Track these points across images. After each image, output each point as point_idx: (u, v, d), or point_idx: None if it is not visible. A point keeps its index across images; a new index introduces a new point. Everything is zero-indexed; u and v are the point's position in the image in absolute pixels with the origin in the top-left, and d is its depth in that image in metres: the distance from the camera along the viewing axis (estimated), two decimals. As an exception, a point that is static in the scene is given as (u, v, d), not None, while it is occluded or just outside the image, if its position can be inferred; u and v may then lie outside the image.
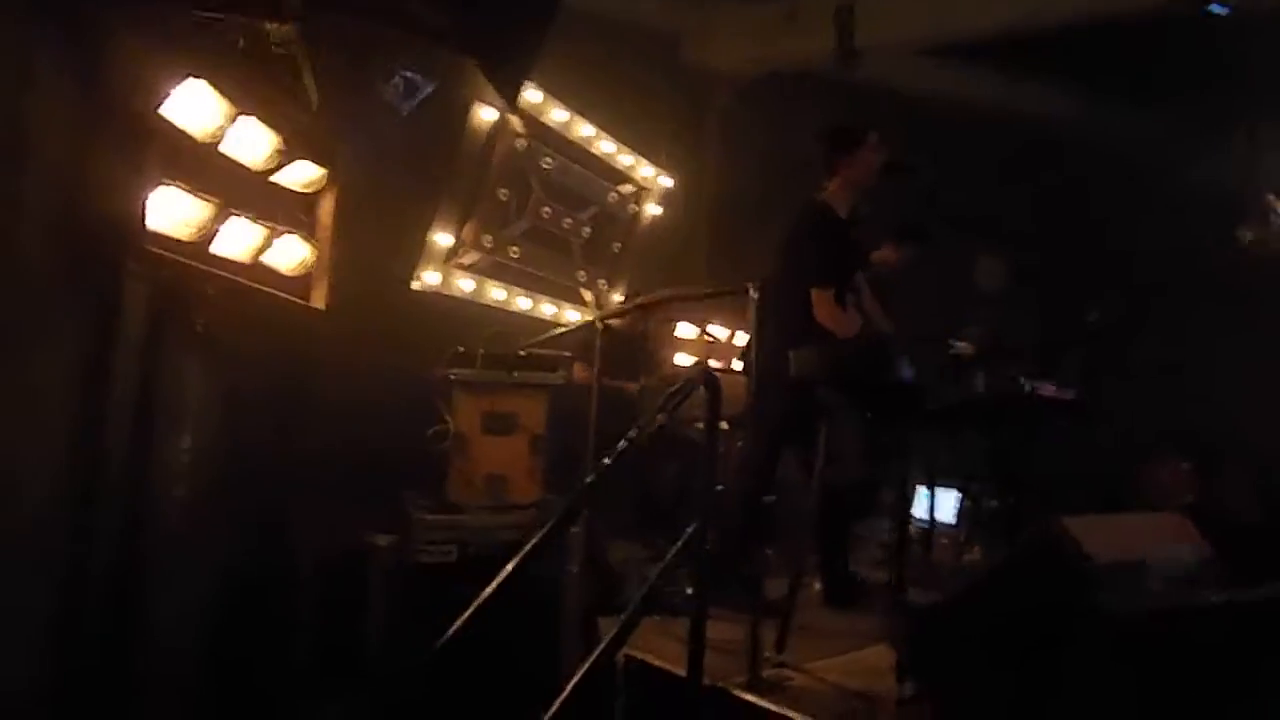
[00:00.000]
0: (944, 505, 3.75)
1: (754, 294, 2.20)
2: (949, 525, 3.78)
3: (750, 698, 2.14)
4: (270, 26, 2.67)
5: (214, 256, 2.50)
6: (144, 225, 2.19)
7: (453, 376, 3.40)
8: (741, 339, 4.81)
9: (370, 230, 3.14)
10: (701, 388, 2.17)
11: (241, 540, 2.59)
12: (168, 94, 2.25)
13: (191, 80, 2.28)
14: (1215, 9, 3.50)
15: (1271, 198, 3.83)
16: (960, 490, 3.86)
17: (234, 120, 2.45)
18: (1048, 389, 3.19)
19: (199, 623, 2.44)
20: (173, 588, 2.33)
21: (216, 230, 2.46)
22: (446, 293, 3.88)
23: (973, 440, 3.29)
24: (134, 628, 2.21)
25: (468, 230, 3.93)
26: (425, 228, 3.82)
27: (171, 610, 2.34)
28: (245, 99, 2.46)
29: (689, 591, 2.20)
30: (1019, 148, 5.04)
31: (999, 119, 5.14)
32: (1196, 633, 1.59)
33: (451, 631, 1.74)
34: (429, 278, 3.82)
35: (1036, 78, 5.12)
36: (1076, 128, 5.06)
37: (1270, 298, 3.94)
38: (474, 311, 3.90)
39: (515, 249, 4.14)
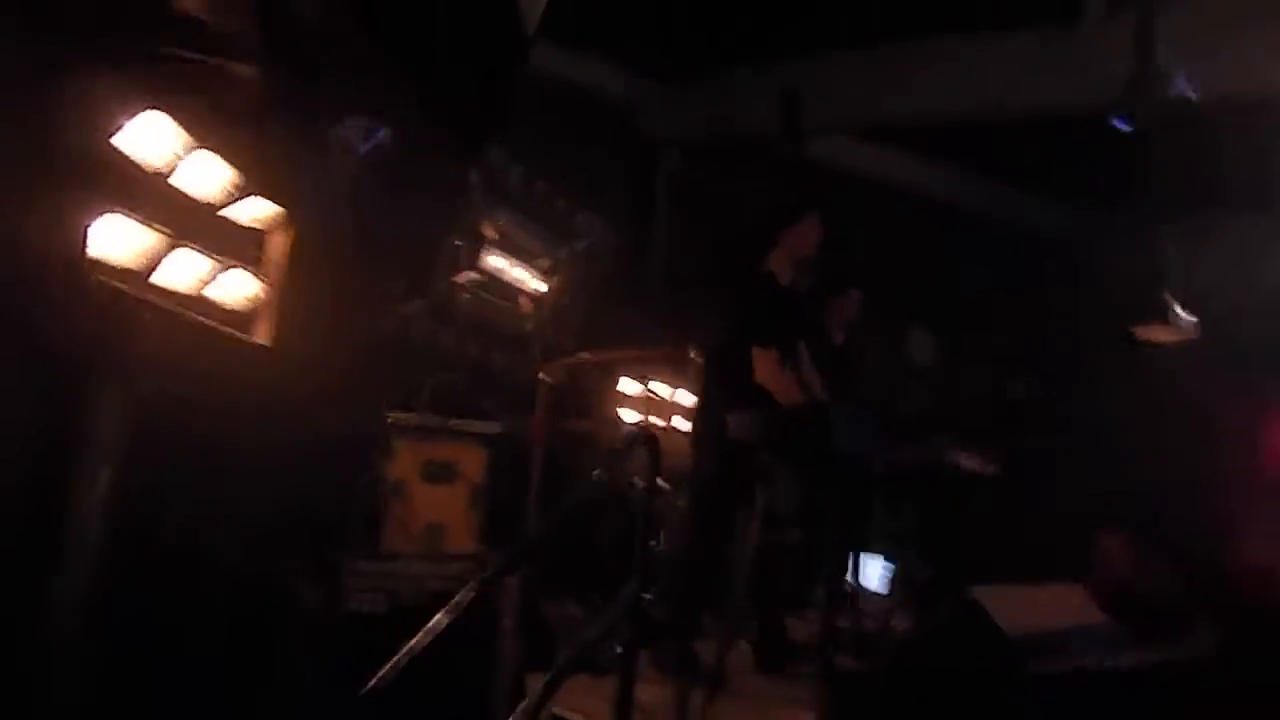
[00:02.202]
0: (873, 573, 3.84)
1: (696, 357, 2.27)
2: (878, 593, 3.86)
3: (677, 762, 2.13)
4: (234, 66, 2.70)
5: (156, 287, 2.45)
6: (84, 252, 2.15)
7: (392, 421, 3.36)
8: (683, 397, 4.90)
9: (321, 270, 3.12)
10: (642, 448, 2.21)
11: (159, 584, 2.46)
12: (121, 125, 2.24)
13: (150, 112, 2.28)
14: (1119, 125, 3.86)
15: (1169, 299, 4.13)
16: (888, 558, 3.96)
17: (187, 152, 2.44)
18: (973, 461, 3.36)
19: (110, 667, 2.30)
20: (84, 628, 2.20)
21: (160, 260, 2.43)
22: (393, 336, 3.85)
23: (902, 510, 3.40)
24: (40, 672, 2.07)
25: (419, 275, 3.94)
26: (376, 271, 3.81)
27: (81, 654, 2.20)
28: (204, 132, 2.46)
29: (619, 650, 2.19)
30: (952, 229, 5.37)
31: (933, 201, 5.49)
32: (1115, 693, 1.68)
33: (375, 680, 1.70)
34: (376, 320, 3.79)
35: (967, 167, 5.51)
36: (1008, 215, 5.44)
37: (1164, 391, 4.24)
38: (418, 357, 3.88)
39: (465, 296, 4.16)
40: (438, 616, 2.00)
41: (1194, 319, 4.10)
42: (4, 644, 1.94)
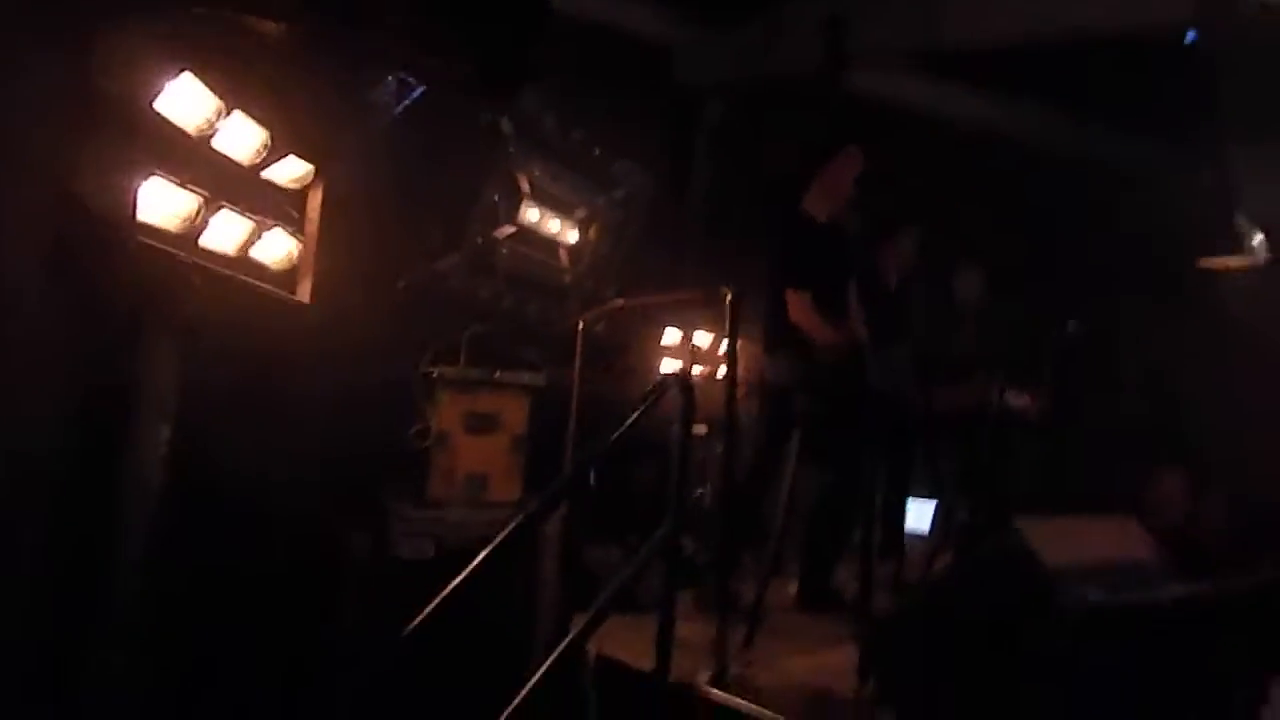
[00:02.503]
0: (916, 515, 3.80)
1: (729, 298, 2.25)
2: (921, 535, 3.83)
3: (716, 694, 2.18)
4: (264, 25, 2.72)
5: (202, 249, 2.53)
6: (134, 217, 2.22)
7: (436, 374, 3.44)
8: (725, 346, 4.86)
9: (358, 227, 3.18)
10: (676, 391, 2.22)
11: (217, 533, 2.60)
12: (162, 87, 2.29)
13: (184, 74, 2.32)
14: (1190, 38, 3.60)
15: (1244, 222, 3.93)
16: (932, 499, 3.91)
17: (225, 115, 2.49)
18: (1022, 400, 3.26)
19: (171, 615, 2.45)
20: (146, 578, 2.34)
21: (206, 223, 2.50)
22: (431, 290, 3.91)
23: (947, 451, 3.35)
24: (105, 618, 2.22)
25: (456, 230, 3.97)
26: (413, 226, 3.86)
27: (144, 601, 2.34)
28: (236, 94, 2.50)
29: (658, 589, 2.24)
30: (1000, 163, 5.14)
31: (982, 135, 5.24)
32: (1150, 628, 1.64)
33: (422, 617, 1.77)
34: (415, 275, 3.85)
35: (1020, 96, 5.23)
36: (1059, 145, 5.16)
37: (1241, 319, 4.03)
38: (458, 309, 3.93)
39: (503, 250, 4.18)
40: (479, 557, 2.07)
41: (1268, 243, 3.87)
42: (73, 596, 2.06)
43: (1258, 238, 3.92)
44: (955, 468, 3.37)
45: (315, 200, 3.00)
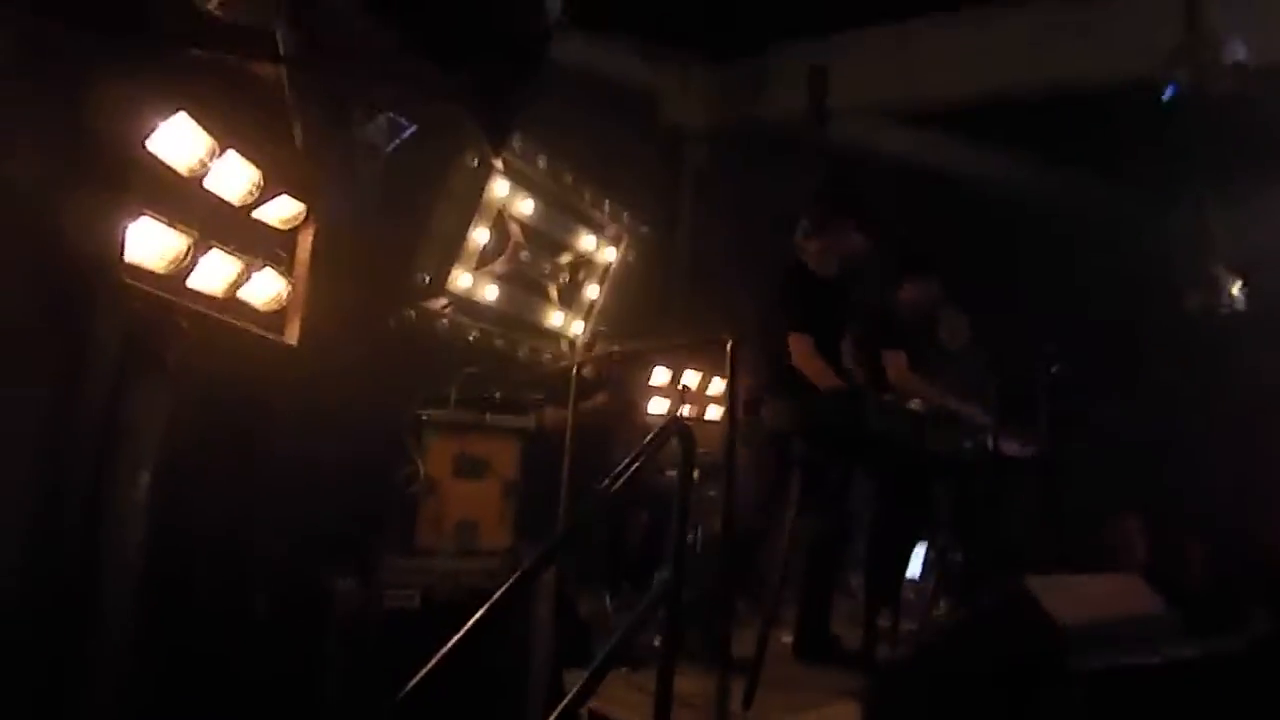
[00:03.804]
0: (913, 559, 3.77)
1: (727, 345, 2.24)
2: (915, 580, 3.80)
3: (718, 754, 2.10)
4: (258, 66, 2.71)
5: (189, 290, 2.48)
6: (122, 257, 2.17)
7: (425, 417, 3.37)
8: (715, 386, 4.86)
9: (348, 268, 3.14)
10: (674, 438, 2.19)
11: (199, 582, 2.51)
12: (155, 128, 2.26)
13: (179, 114, 2.30)
14: (1169, 93, 3.74)
15: (1218, 267, 4.04)
16: (927, 543, 3.89)
17: (218, 154, 2.46)
18: (1012, 447, 3.28)
19: (153, 664, 2.34)
20: (127, 628, 2.24)
21: (195, 263, 2.45)
22: (420, 331, 3.87)
23: (940, 495, 3.34)
24: (85, 670, 2.11)
25: (446, 269, 3.95)
26: (403, 266, 3.83)
27: (126, 652, 2.24)
28: (229, 134, 2.47)
29: (657, 643, 2.17)
30: (984, 211, 5.25)
31: (965, 183, 5.37)
32: (1161, 687, 1.62)
33: (414, 683, 1.69)
34: (405, 315, 3.81)
35: (1002, 145, 5.37)
36: (1041, 194, 5.30)
37: (1215, 363, 4.12)
38: (447, 351, 3.89)
39: (494, 289, 4.16)
40: (474, 618, 1.99)
41: (1242, 287, 3.98)
42: (51, 644, 1.97)
43: (1235, 285, 4.03)
44: (948, 510, 3.36)
45: (305, 240, 2.96)
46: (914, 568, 3.98)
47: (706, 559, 3.41)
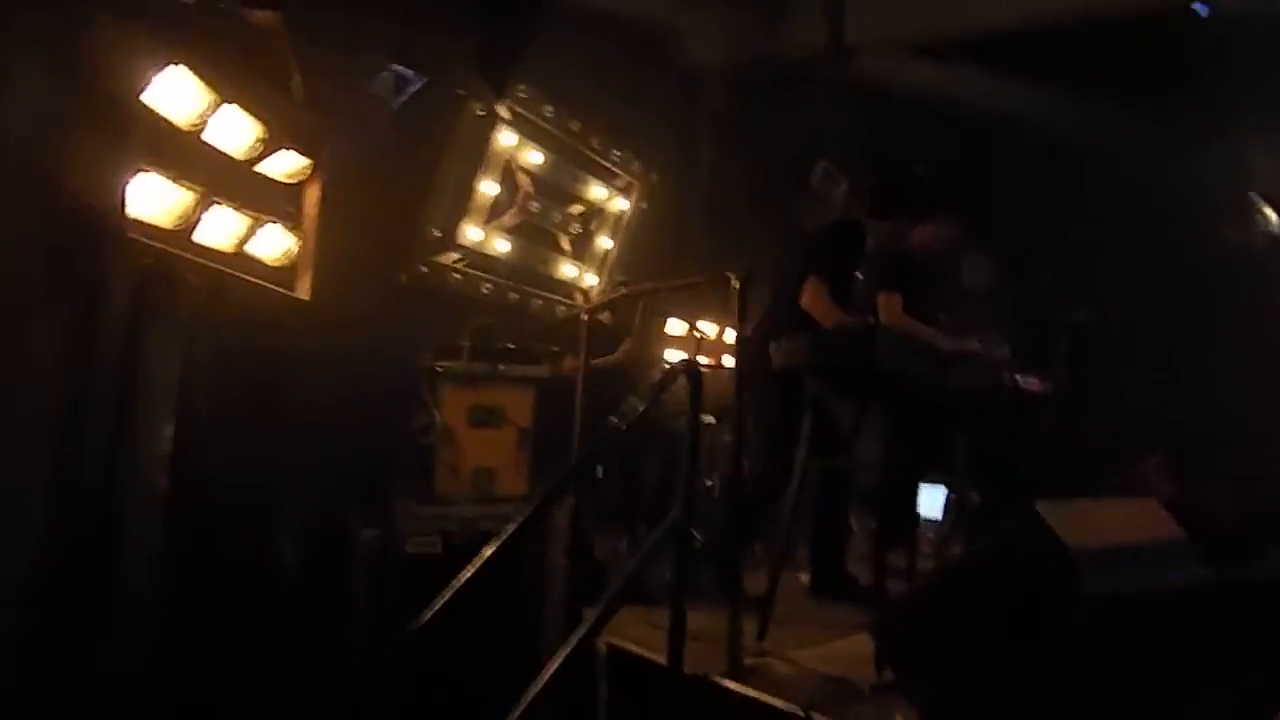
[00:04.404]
0: (929, 500, 3.75)
1: (736, 284, 2.20)
2: (934, 521, 3.79)
3: (731, 685, 2.14)
4: (256, 15, 2.68)
5: (197, 245, 2.49)
6: (125, 213, 2.18)
7: (439, 369, 3.40)
8: (731, 335, 4.82)
9: (357, 222, 3.14)
10: (683, 379, 2.18)
11: (224, 530, 2.58)
12: (150, 80, 2.24)
13: (174, 67, 2.28)
14: (1198, 8, 3.53)
15: (1256, 198, 3.87)
16: (947, 486, 3.86)
17: (217, 108, 2.44)
18: (1033, 383, 3.21)
19: (180, 613, 2.43)
20: (153, 576, 2.32)
21: (199, 219, 2.46)
22: (433, 285, 3.88)
23: (959, 434, 3.29)
24: (112, 617, 2.20)
25: (456, 223, 3.94)
26: (413, 220, 3.82)
27: (152, 599, 2.32)
28: (228, 87, 2.45)
29: (668, 579, 2.20)
30: (1007, 148, 5.06)
31: (988, 119, 5.17)
32: (1173, 613, 1.59)
33: (431, 612, 1.74)
34: (416, 269, 3.82)
35: (1025, 78, 5.15)
36: (1065, 128, 5.09)
37: (1253, 298, 3.98)
38: (460, 304, 3.90)
39: (504, 242, 4.15)
40: (486, 552, 2.03)
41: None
42: (79, 596, 2.04)
43: (1273, 215, 3.86)
44: (967, 452, 3.32)
45: (313, 195, 2.96)
46: (934, 509, 3.96)
47: (723, 502, 3.43)
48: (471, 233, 3.99)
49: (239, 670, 2.58)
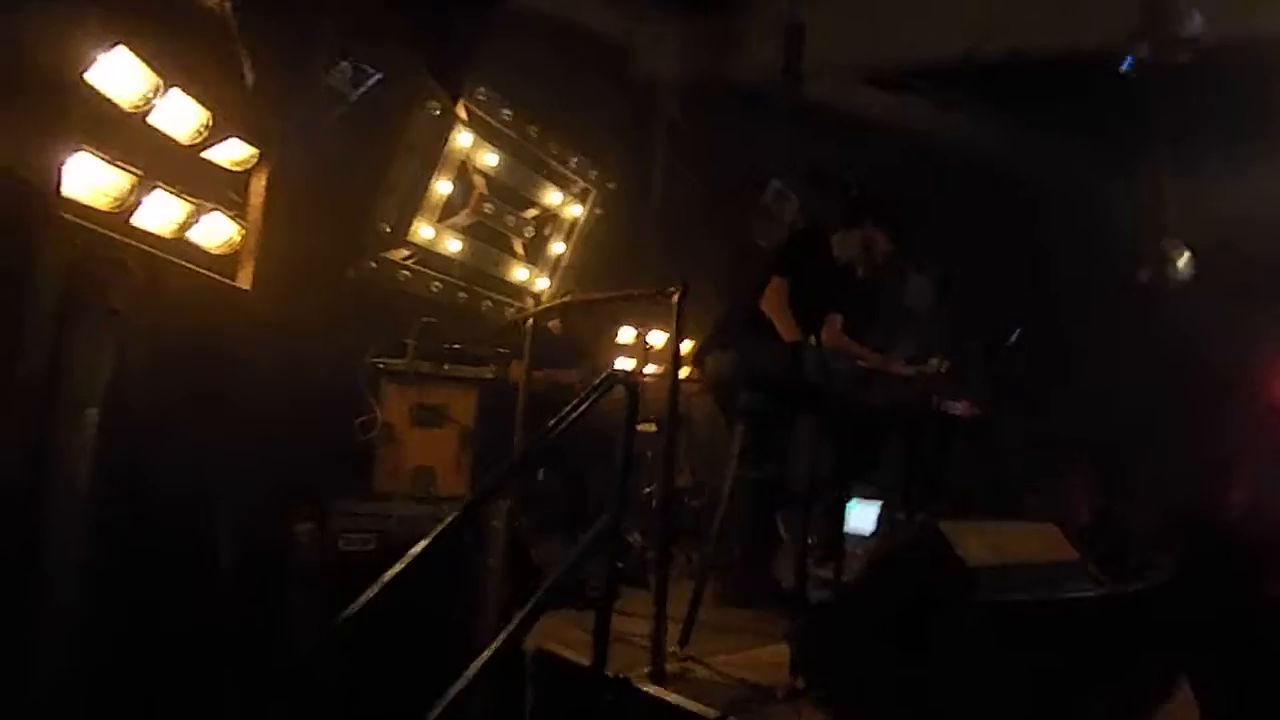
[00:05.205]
0: (859, 516, 3.88)
1: (675, 298, 2.27)
2: (863, 535, 3.91)
3: (652, 689, 2.19)
4: (206, 1, 2.65)
5: (135, 229, 2.45)
6: (59, 192, 2.14)
7: (383, 366, 3.39)
8: (682, 346, 4.89)
9: (304, 214, 3.11)
10: (620, 387, 2.23)
11: (156, 533, 2.51)
12: (94, 60, 2.21)
13: (119, 48, 2.25)
14: (1126, 65, 3.77)
15: (1169, 242, 4.12)
16: (881, 501, 4.00)
17: (162, 92, 2.41)
18: (961, 407, 3.35)
19: (109, 612, 2.35)
20: (78, 584, 2.24)
21: (138, 202, 2.42)
22: (381, 281, 3.86)
23: (887, 450, 3.42)
24: (35, 613, 2.13)
25: (408, 220, 3.92)
26: (363, 215, 3.80)
27: (78, 609, 2.25)
28: (176, 71, 2.42)
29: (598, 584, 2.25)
30: (950, 175, 5.27)
31: (932, 147, 5.38)
32: (1061, 623, 1.71)
33: (361, 603, 1.74)
34: (364, 265, 3.79)
35: (968, 111, 5.38)
36: (1003, 157, 5.33)
37: (1165, 329, 4.24)
38: (408, 302, 3.88)
39: (456, 242, 4.14)
40: (419, 545, 2.05)
41: (1190, 260, 4.07)
42: (3, 598, 1.97)
43: (1184, 259, 4.12)
44: (899, 468, 3.45)
45: (259, 184, 2.93)
46: (867, 524, 4.09)
47: (652, 506, 3.48)
48: (423, 231, 3.99)
49: (168, 671, 2.52)
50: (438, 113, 3.90)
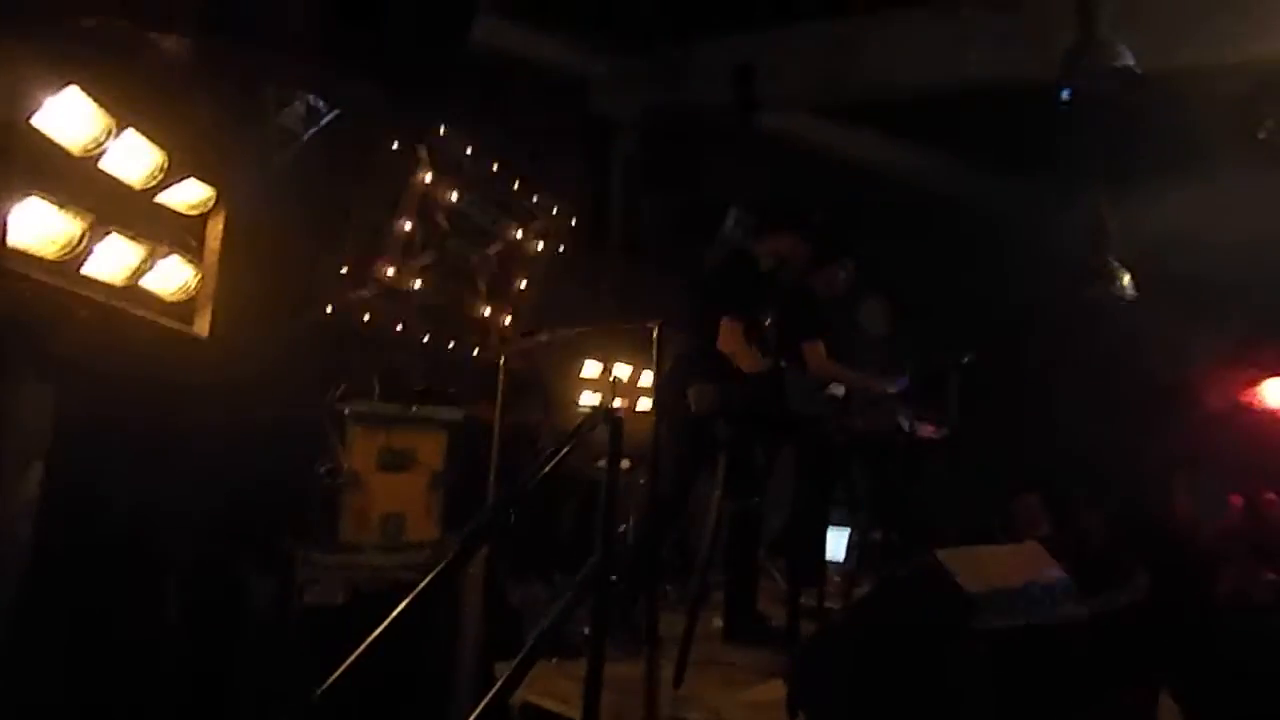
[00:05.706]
0: (836, 542, 3.89)
1: (655, 331, 2.25)
2: (838, 563, 3.92)
3: (647, 737, 2.13)
4: (163, 41, 2.57)
5: (84, 277, 2.33)
6: (4, 241, 2.02)
7: (347, 410, 3.28)
8: (647, 378, 4.88)
9: (262, 256, 3.01)
10: (603, 425, 2.19)
11: (99, 583, 2.36)
12: (41, 103, 2.11)
13: (70, 89, 2.15)
14: (1064, 96, 3.97)
15: (1112, 263, 4.34)
16: (847, 525, 4.02)
17: (115, 134, 2.31)
18: (927, 430, 3.42)
19: (47, 675, 2.20)
20: (13, 639, 2.09)
21: (89, 249, 2.30)
22: (343, 323, 3.75)
23: (858, 476, 3.45)
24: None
25: (369, 259, 3.84)
26: (323, 255, 3.70)
27: (19, 655, 2.10)
28: (128, 113, 2.33)
29: (587, 631, 2.18)
30: (901, 203, 5.44)
31: (884, 175, 5.55)
32: (1053, 645, 1.72)
33: (336, 675, 1.64)
34: (324, 306, 3.68)
35: (918, 142, 5.58)
36: (954, 188, 5.53)
37: (1110, 349, 4.41)
38: (371, 343, 3.78)
39: (418, 281, 4.07)
40: (396, 609, 1.96)
41: (1131, 279, 4.28)
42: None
43: (1125, 276, 4.33)
44: (868, 492, 3.48)
45: (216, 227, 2.83)
46: (838, 551, 4.11)
47: (635, 546, 3.44)
48: (386, 270, 3.90)
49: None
50: (397, 150, 3.85)
